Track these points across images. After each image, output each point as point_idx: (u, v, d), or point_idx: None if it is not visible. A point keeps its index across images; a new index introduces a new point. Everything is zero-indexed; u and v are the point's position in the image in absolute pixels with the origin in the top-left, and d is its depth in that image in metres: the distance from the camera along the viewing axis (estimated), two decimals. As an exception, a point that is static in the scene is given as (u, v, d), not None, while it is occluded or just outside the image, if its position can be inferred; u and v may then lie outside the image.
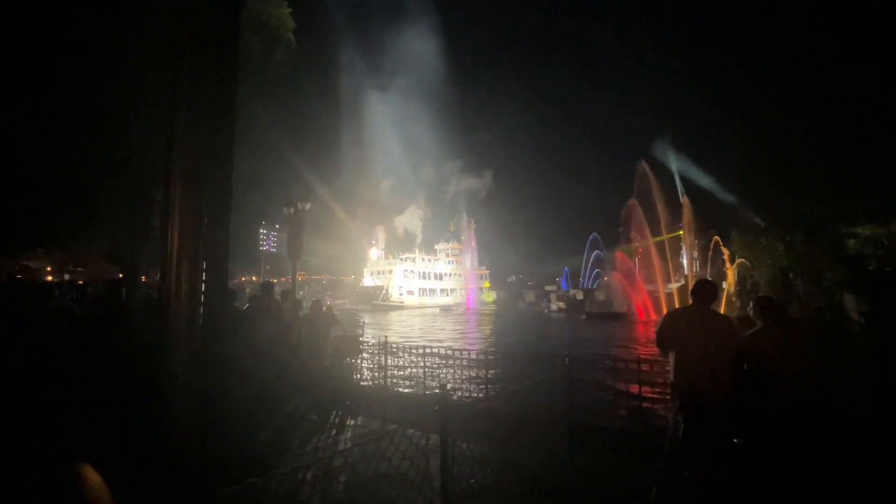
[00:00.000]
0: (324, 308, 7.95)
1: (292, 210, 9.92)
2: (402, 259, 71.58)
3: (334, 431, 5.56)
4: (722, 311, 4.50)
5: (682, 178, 50.81)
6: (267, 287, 6.95)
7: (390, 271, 68.39)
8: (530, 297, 70.28)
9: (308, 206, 10.10)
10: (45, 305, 6.27)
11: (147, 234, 13.85)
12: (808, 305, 31.39)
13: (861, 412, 4.67)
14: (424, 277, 72.33)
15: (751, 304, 3.86)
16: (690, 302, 3.85)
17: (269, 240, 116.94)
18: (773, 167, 37.87)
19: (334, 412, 6.18)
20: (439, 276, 74.70)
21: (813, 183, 35.08)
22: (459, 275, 78.07)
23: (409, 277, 69.25)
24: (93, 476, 0.86)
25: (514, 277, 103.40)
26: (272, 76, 15.85)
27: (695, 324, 3.66)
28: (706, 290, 3.77)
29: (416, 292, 68.87)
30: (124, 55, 11.83)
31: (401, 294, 66.17)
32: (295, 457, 4.18)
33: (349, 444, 3.55)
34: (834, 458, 3.57)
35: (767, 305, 3.72)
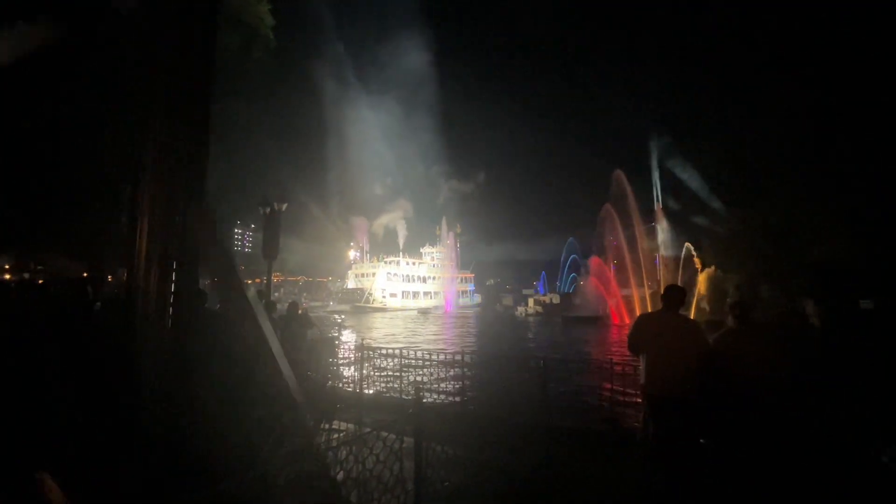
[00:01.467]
0: (300, 310, 7.83)
1: (268, 210, 9.75)
2: (386, 262, 71.95)
3: (307, 435, 5.46)
4: (692, 317, 4.65)
5: (661, 184, 52.14)
6: (240, 288, 6.80)
7: (374, 274, 68.56)
8: (507, 301, 70.92)
9: (285, 206, 9.94)
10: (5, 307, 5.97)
11: (113, 231, 13.35)
12: (772, 311, 32.64)
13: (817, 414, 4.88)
14: (409, 280, 72.72)
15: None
16: (660, 307, 3.97)
17: (244, 240, 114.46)
18: (743, 174, 39.48)
19: (308, 416, 6.08)
20: (423, 280, 74.89)
21: (781, 190, 36.71)
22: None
23: (392, 280, 69.63)
24: (52, 485, 0.83)
25: (492, 281, 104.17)
26: (251, 74, 15.57)
27: (664, 328, 3.77)
28: (674, 295, 3.89)
29: (399, 295, 69.05)
30: (91, 41, 11.38)
31: (383, 296, 66.40)
32: (266, 461, 4.08)
33: (323, 448, 3.51)
34: (795, 459, 3.72)
35: (736, 309, 3.87)
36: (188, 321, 3.13)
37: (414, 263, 76.60)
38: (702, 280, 38.51)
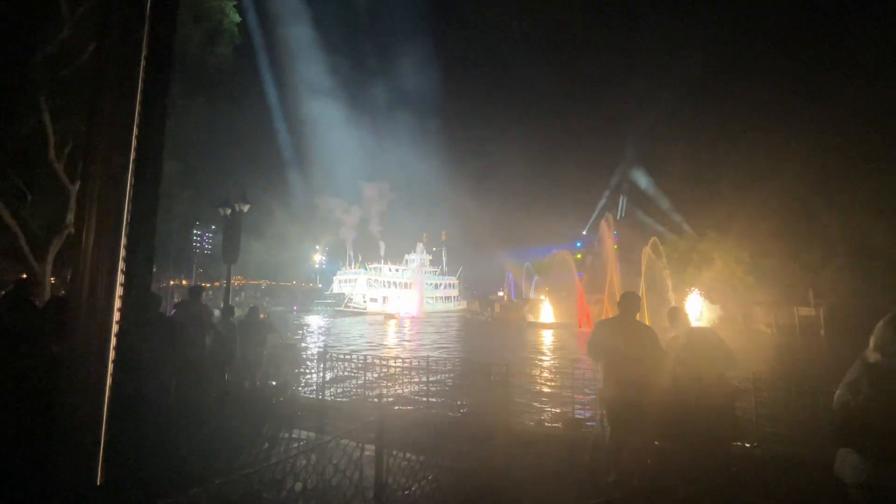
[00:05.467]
0: (261, 315, 7.60)
1: (229, 211, 9.42)
2: (368, 268, 74.16)
3: (266, 445, 5.28)
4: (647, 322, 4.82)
5: (633, 193, 54.37)
6: (196, 292, 6.53)
7: (356, 280, 70.96)
8: (474, 305, 71.53)
9: (247, 207, 9.64)
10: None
11: (58, 229, 12.50)
12: (721, 316, 34.73)
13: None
14: (391, 286, 73.51)
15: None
16: (617, 313, 4.10)
17: (203, 241, 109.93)
18: (699, 184, 42.35)
19: (267, 424, 5.88)
20: (407, 285, 75.20)
21: (734, 199, 39.47)
22: (432, 284, 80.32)
23: (374, 286, 71.13)
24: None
25: (475, 289, 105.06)
26: (212, 71, 15.03)
27: (621, 334, 3.90)
28: (629, 301, 4.04)
29: (380, 300, 69.80)
30: (43, 26, 10.66)
31: (364, 301, 67.92)
32: (220, 473, 3.92)
33: (282, 458, 3.40)
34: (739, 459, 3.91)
35: (675, 314, 4.05)
36: (138, 326, 2.97)
37: (397, 269, 77.87)
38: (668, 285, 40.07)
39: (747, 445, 4.94)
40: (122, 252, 3.01)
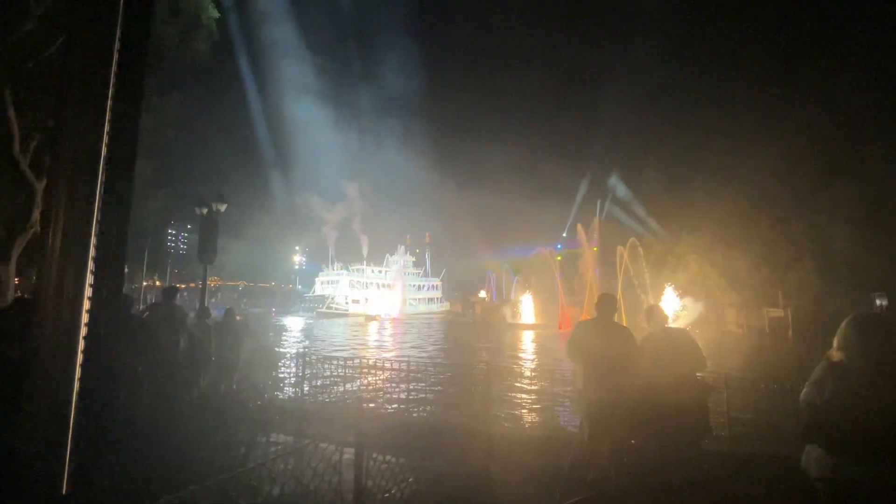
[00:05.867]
0: (237, 317, 7.45)
1: (205, 211, 9.20)
2: (351, 269, 74.35)
3: (242, 450, 5.17)
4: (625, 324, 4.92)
5: (612, 197, 55.61)
6: (169, 293, 6.36)
7: (338, 281, 71.13)
8: (457, 306, 71.73)
9: (224, 206, 9.43)
10: None
11: (23, 228, 11.99)
12: (696, 318, 35.81)
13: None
14: (374, 287, 73.40)
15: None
16: (595, 315, 4.17)
17: (179, 241, 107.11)
18: (674, 189, 43.73)
19: (244, 429, 5.77)
20: (389, 287, 75.14)
21: (707, 204, 40.81)
22: (415, 286, 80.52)
23: (356, 287, 71.41)
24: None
25: (458, 291, 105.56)
26: (189, 67, 14.68)
27: (599, 335, 3.97)
28: (605, 303, 4.11)
29: (362, 301, 69.66)
30: (6, 17, 10.22)
31: (346, 302, 68.07)
32: (194, 480, 3.82)
33: (259, 462, 3.33)
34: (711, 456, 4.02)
35: (652, 313, 4.15)
36: (107, 329, 2.87)
37: (380, 271, 78.20)
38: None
39: (719, 443, 5.08)
40: (92, 252, 2.90)
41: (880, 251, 35.49)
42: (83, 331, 2.72)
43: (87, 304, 2.75)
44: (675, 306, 35.63)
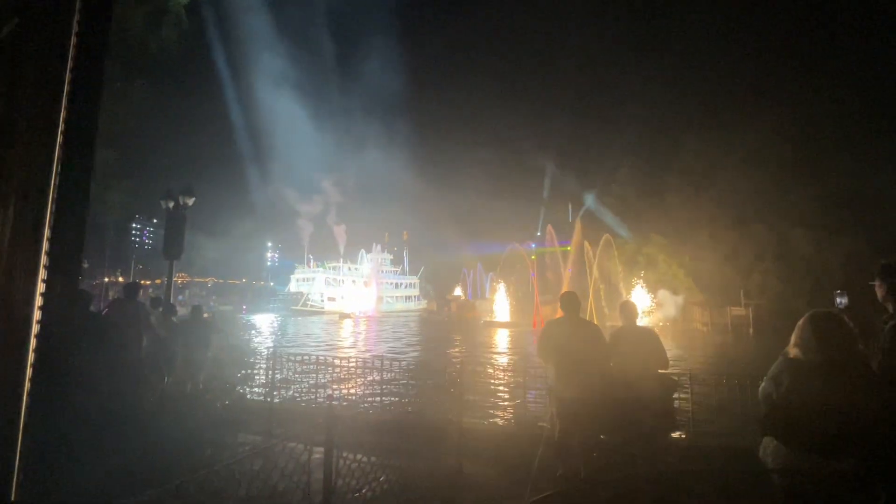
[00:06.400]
0: (205, 314, 7.22)
1: (172, 204, 8.86)
2: (327, 267, 73.41)
3: (208, 451, 5.02)
4: (595, 321, 5.02)
5: (585, 197, 56.76)
6: (132, 289, 6.11)
7: (314, 278, 70.29)
8: (432, 304, 71.69)
9: (192, 200, 9.10)
10: None
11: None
12: (662, 317, 37.11)
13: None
14: (351, 284, 73.09)
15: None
16: (561, 313, 4.24)
17: (143, 235, 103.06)
18: (645, 191, 45.21)
19: (209, 429, 5.60)
20: (365, 284, 74.45)
21: (676, 207, 42.36)
22: (392, 284, 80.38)
23: (331, 284, 70.69)
24: None
25: (431, 286, 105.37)
26: (156, 53, 14.06)
27: (567, 333, 4.04)
28: (569, 300, 4.18)
29: (338, 299, 69.25)
30: None
31: (322, 300, 67.40)
32: (154, 484, 3.68)
33: (225, 464, 3.23)
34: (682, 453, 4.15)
35: (624, 308, 4.25)
36: (61, 326, 2.72)
37: (357, 268, 77.56)
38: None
39: (683, 436, 5.26)
40: (46, 245, 2.75)
41: (834, 252, 37.63)
42: (35, 329, 2.58)
43: (39, 301, 2.61)
44: (646, 303, 36.72)
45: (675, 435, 4.89)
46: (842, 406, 2.07)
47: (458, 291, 71.49)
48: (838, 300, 33.06)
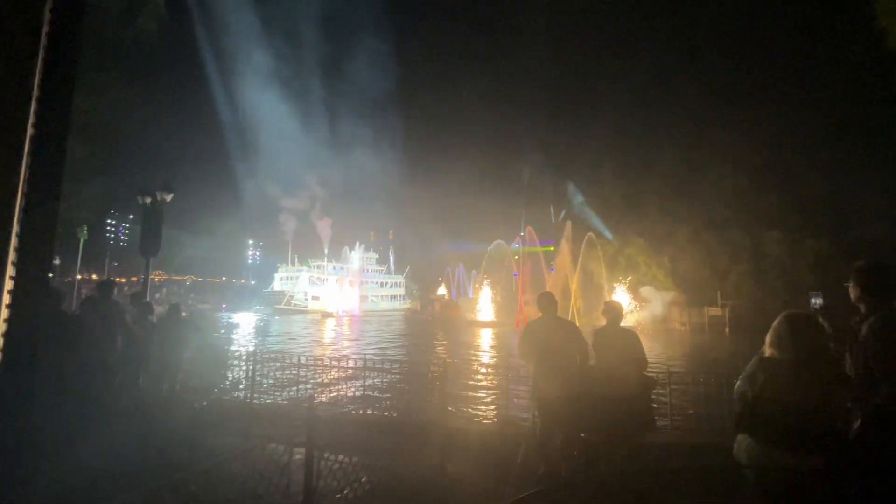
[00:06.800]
0: (183, 313, 7.06)
1: (149, 200, 8.64)
2: (311, 265, 72.80)
3: (184, 453, 4.90)
4: (577, 322, 5.08)
5: (568, 198, 57.30)
6: (106, 287, 5.93)
7: (298, 277, 69.86)
8: (416, 304, 71.60)
9: (170, 196, 8.88)
10: None
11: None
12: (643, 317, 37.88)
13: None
14: (333, 283, 72.13)
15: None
16: (541, 314, 4.27)
17: (119, 231, 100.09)
18: (627, 193, 46.09)
19: (186, 431, 5.46)
20: (350, 284, 73.69)
21: (656, 209, 43.25)
22: (377, 283, 79.94)
23: (316, 283, 70.15)
24: None
25: (416, 286, 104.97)
26: (132, 45, 13.65)
27: (546, 332, 4.08)
28: (545, 301, 4.22)
29: (322, 298, 68.38)
30: None
31: (306, 299, 66.76)
32: (125, 488, 3.56)
33: (202, 467, 3.16)
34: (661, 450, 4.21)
35: (608, 308, 4.30)
36: (29, 325, 2.62)
37: (342, 267, 76.57)
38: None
39: (662, 434, 5.36)
40: (14, 241, 2.64)
41: (805, 254, 38.95)
42: (2, 327, 2.48)
43: (6, 299, 2.51)
44: (627, 303, 37.39)
45: (654, 433, 4.97)
46: (813, 404, 2.13)
47: (442, 291, 71.48)
48: (814, 300, 34.20)
